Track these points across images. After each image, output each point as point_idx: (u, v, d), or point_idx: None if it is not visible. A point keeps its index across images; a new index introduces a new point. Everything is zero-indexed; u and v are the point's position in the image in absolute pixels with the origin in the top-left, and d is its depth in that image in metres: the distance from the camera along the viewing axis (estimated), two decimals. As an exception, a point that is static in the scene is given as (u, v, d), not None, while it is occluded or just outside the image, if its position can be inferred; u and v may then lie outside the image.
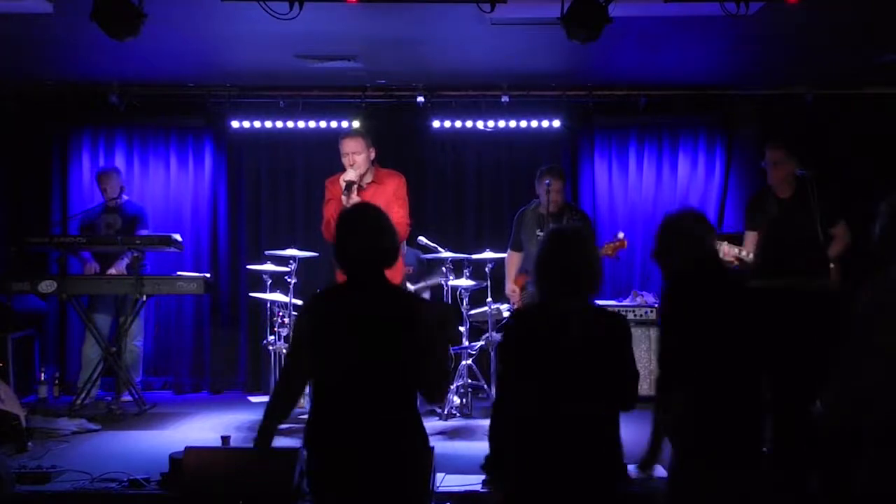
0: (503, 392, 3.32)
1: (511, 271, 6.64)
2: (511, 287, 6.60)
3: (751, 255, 5.58)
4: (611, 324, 3.16)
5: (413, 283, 6.93)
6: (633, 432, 3.34)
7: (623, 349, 3.12)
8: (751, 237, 5.72)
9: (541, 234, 6.21)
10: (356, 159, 5.58)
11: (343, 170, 5.66)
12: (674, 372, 3.25)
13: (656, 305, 7.19)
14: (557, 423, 3.04)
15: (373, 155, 5.69)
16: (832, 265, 5.54)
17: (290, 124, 7.53)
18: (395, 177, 5.78)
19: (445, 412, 6.47)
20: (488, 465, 3.25)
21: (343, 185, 5.54)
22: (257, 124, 7.56)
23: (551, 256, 3.18)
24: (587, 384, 3.05)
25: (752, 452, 3.21)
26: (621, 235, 6.25)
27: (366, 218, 3.21)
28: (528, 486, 3.07)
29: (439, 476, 4.78)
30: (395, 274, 5.30)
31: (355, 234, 3.14)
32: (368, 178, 5.66)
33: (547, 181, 6.28)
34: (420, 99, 7.30)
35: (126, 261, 6.93)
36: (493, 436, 3.21)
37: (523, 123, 7.54)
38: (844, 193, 6.02)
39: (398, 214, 5.47)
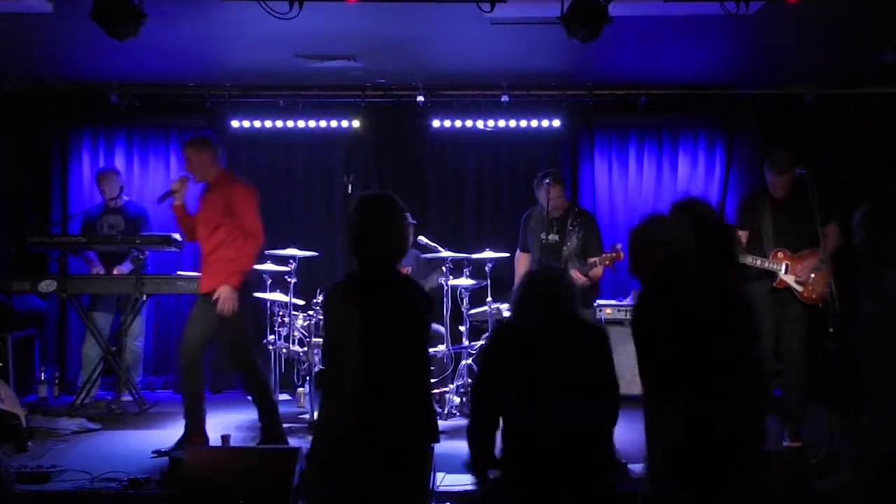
0: (479, 403, 3.36)
1: (520, 272, 6.64)
2: None
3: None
4: (588, 335, 3.24)
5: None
6: (632, 432, 3.34)
7: (600, 360, 3.21)
8: (744, 237, 5.72)
9: (545, 237, 6.20)
10: (188, 168, 5.61)
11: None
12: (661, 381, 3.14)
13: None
14: (539, 435, 3.10)
15: (209, 159, 5.57)
16: (822, 266, 5.57)
17: (290, 124, 7.52)
18: (234, 186, 5.61)
19: (445, 412, 6.46)
20: (471, 467, 3.34)
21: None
22: (257, 124, 7.56)
23: (527, 298, 3.30)
24: (565, 396, 3.11)
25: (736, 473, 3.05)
26: (619, 247, 6.20)
27: (389, 211, 3.22)
28: (518, 494, 3.14)
29: (439, 476, 4.78)
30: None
31: (382, 228, 3.15)
32: (210, 183, 5.61)
33: (547, 182, 6.26)
34: (420, 99, 7.30)
35: (129, 265, 6.93)
36: (472, 442, 3.31)
37: (523, 123, 7.54)
38: (844, 193, 6.02)
39: (248, 226, 5.46)
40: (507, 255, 6.82)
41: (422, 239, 6.85)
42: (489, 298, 6.73)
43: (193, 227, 5.65)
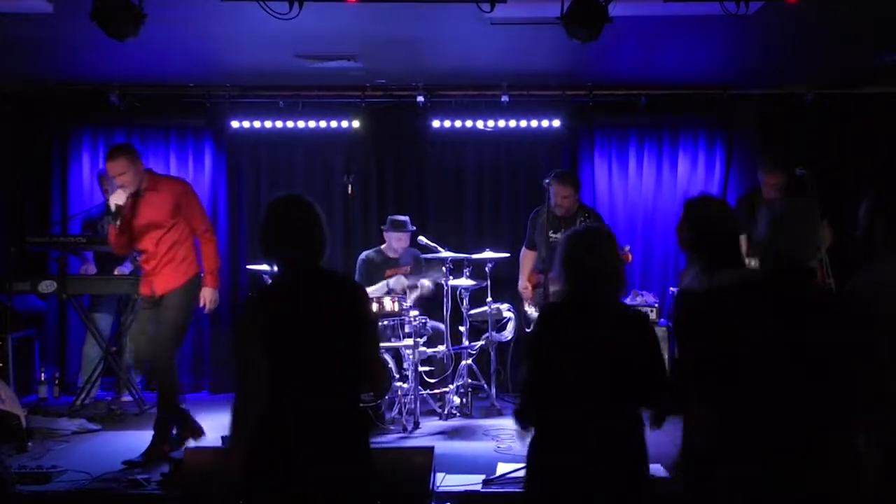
0: (529, 377, 3.20)
1: (525, 269, 6.65)
2: (524, 284, 6.61)
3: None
4: (636, 322, 3.14)
5: (409, 282, 6.93)
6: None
7: (650, 348, 3.09)
8: (744, 241, 5.71)
9: (553, 235, 6.20)
10: (124, 179, 5.36)
11: None
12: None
13: (656, 305, 7.19)
14: (582, 420, 3.01)
15: (141, 164, 5.48)
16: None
17: (289, 124, 7.52)
18: (176, 183, 5.63)
19: (445, 412, 6.47)
20: (517, 416, 3.20)
21: (113, 208, 5.41)
22: (257, 124, 7.56)
23: (579, 255, 3.13)
24: (612, 382, 3.01)
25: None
26: (627, 249, 6.22)
27: (304, 208, 3.14)
28: (553, 483, 3.04)
29: (439, 475, 4.78)
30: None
31: (299, 225, 3.08)
32: (143, 186, 5.44)
33: (548, 182, 6.27)
34: (420, 99, 7.30)
35: (129, 265, 6.94)
36: (522, 394, 3.18)
37: (523, 123, 7.53)
38: (844, 193, 6.02)
39: (203, 225, 5.52)
40: (507, 255, 6.83)
41: (422, 239, 6.85)
42: (489, 299, 6.74)
43: (132, 235, 5.49)
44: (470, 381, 6.68)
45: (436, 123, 7.52)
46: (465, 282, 6.64)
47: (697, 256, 3.41)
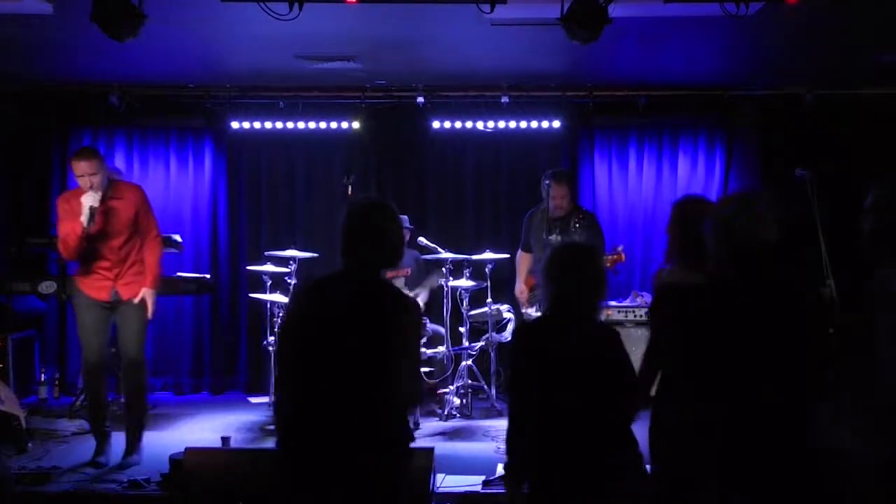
0: (513, 405, 3.28)
1: (521, 272, 6.65)
2: (520, 287, 6.61)
3: None
4: (606, 336, 3.19)
5: (411, 286, 6.92)
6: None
7: (620, 361, 3.14)
8: None
9: (547, 237, 6.18)
10: (94, 181, 5.18)
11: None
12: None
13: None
14: (566, 432, 3.04)
15: (108, 168, 5.41)
16: None
17: (289, 125, 7.52)
18: (136, 189, 5.57)
19: (445, 413, 6.47)
20: (506, 474, 3.26)
21: (87, 210, 5.14)
22: (257, 125, 7.56)
23: (560, 273, 3.17)
24: (590, 394, 3.06)
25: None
26: (620, 249, 6.22)
27: (378, 215, 3.15)
28: (540, 494, 3.09)
29: (439, 476, 4.78)
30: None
31: (365, 232, 3.10)
32: (109, 193, 5.30)
33: (546, 182, 6.28)
34: (420, 99, 7.30)
35: None
36: (510, 446, 3.21)
37: (523, 124, 7.53)
38: (844, 194, 6.01)
39: (154, 229, 5.52)
40: (507, 255, 6.82)
41: (421, 240, 6.85)
42: (489, 299, 6.74)
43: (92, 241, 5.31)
44: (470, 381, 6.68)
45: (436, 124, 7.52)
46: (465, 283, 6.64)
47: (680, 253, 3.42)
